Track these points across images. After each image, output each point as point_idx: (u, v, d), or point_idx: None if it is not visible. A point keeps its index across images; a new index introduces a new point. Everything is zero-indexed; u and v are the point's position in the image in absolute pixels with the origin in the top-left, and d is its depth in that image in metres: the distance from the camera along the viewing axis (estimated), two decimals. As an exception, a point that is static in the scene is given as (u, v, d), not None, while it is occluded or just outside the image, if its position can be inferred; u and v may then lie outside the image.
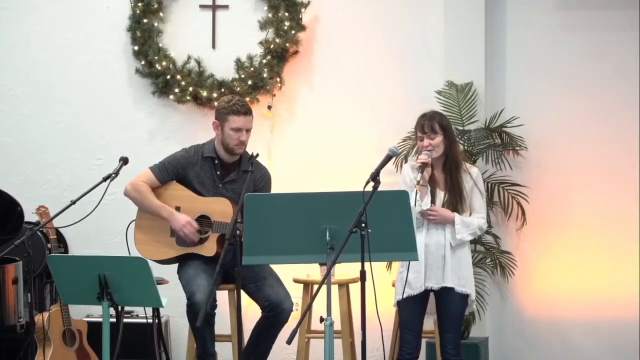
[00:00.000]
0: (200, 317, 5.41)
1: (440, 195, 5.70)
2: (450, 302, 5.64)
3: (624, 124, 7.19)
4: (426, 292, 5.66)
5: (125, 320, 6.49)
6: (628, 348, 7.14)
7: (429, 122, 5.67)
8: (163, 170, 6.13)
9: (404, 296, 5.59)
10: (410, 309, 5.66)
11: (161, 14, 7.59)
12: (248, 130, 6.06)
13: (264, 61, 7.42)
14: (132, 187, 6.12)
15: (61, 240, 7.39)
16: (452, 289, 5.61)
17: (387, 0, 7.46)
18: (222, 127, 6.05)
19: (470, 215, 5.69)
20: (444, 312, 5.68)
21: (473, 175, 5.73)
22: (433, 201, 5.67)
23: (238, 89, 7.39)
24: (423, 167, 5.56)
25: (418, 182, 5.52)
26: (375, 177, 4.77)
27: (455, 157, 5.72)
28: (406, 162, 7.06)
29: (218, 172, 6.11)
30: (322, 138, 7.47)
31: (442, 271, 5.62)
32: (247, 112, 6.05)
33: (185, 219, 6.01)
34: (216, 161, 6.11)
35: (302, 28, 7.42)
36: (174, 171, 6.14)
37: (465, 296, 5.65)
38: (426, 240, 5.64)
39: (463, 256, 5.67)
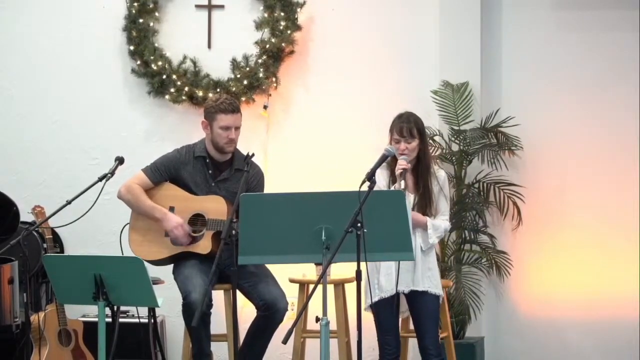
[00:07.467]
0: (196, 317, 5.41)
1: (410, 198, 5.67)
2: (426, 305, 5.63)
3: (620, 124, 7.19)
4: (396, 294, 5.64)
5: (121, 320, 6.49)
6: (624, 348, 7.14)
7: (407, 126, 5.64)
8: (155, 171, 6.13)
9: (377, 299, 5.57)
10: (385, 311, 5.64)
11: (157, 14, 7.59)
12: (237, 128, 6.04)
13: (260, 61, 7.42)
14: (125, 190, 6.11)
15: (57, 240, 7.38)
16: (425, 291, 5.61)
17: (382, 0, 7.47)
18: (211, 126, 6.04)
19: (435, 217, 5.69)
20: (422, 315, 5.66)
21: (440, 180, 5.71)
22: None
23: (234, 88, 7.39)
24: (404, 173, 5.52)
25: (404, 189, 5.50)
26: (371, 177, 4.78)
27: (427, 161, 5.70)
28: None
29: (210, 171, 6.11)
30: (318, 138, 7.47)
31: (413, 274, 5.61)
32: (235, 109, 6.04)
33: (177, 221, 6.00)
34: (207, 160, 6.11)
35: (298, 28, 7.42)
36: (167, 171, 6.13)
37: (437, 297, 5.66)
38: None
39: (432, 259, 5.69)
